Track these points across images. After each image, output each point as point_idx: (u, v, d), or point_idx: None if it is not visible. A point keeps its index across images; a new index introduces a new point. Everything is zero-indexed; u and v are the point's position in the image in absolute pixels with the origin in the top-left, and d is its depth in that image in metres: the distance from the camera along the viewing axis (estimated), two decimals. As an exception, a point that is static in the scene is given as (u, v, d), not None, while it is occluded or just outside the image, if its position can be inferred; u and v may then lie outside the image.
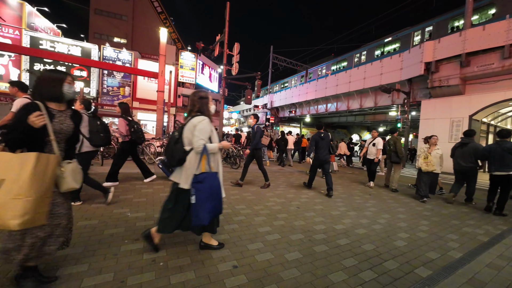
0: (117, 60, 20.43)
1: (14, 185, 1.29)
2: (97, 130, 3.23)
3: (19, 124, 1.40)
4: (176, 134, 2.00)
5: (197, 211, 1.83)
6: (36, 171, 1.34)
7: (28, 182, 1.31)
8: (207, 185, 1.85)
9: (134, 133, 4.19)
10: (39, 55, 16.90)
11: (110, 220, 2.70)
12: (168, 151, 2.00)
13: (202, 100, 2.08)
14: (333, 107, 19.65)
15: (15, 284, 1.53)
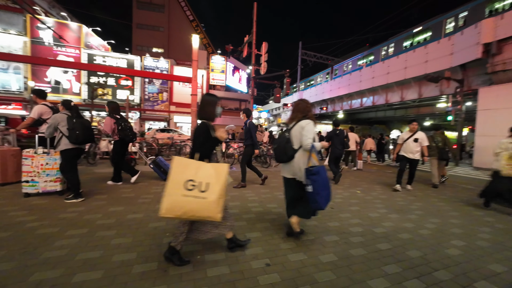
0: (156, 69, 22.30)
1: (217, 187, 1.73)
2: (73, 128, 3.23)
3: (206, 139, 1.97)
4: (287, 135, 2.41)
5: (315, 198, 2.12)
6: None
7: (224, 186, 1.76)
8: (321, 177, 2.14)
9: (121, 131, 4.10)
10: (94, 69, 19.47)
11: (153, 215, 2.97)
12: (281, 149, 2.40)
13: (308, 106, 2.50)
14: (369, 101, 18.28)
15: (167, 258, 1.92)
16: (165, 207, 1.68)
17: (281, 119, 34.72)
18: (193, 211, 1.68)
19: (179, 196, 1.68)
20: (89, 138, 3.48)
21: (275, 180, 5.51)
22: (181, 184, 1.71)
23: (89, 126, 3.45)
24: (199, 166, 1.79)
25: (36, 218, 2.66)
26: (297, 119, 2.45)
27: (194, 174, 1.74)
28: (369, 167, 9.26)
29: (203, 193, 1.70)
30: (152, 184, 4.53)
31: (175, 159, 1.78)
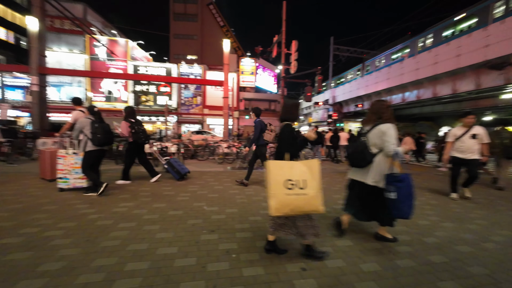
0: (190, 74, 23.75)
1: (314, 183, 1.87)
2: (95, 132, 3.61)
3: (294, 140, 2.09)
4: (363, 139, 2.31)
5: (398, 206, 2.04)
6: None
7: (319, 179, 1.90)
8: (407, 184, 2.05)
9: (134, 134, 4.37)
10: (138, 79, 21.63)
11: (191, 212, 3.15)
12: (358, 155, 2.28)
13: (389, 109, 2.32)
14: (413, 96, 16.49)
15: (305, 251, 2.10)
16: (274, 207, 1.85)
17: (312, 118, 33.66)
18: (299, 207, 1.84)
19: (283, 195, 1.83)
20: (109, 141, 3.83)
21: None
22: (281, 184, 1.84)
23: (109, 130, 3.80)
24: (292, 166, 1.91)
25: (96, 211, 3.05)
26: (373, 122, 2.33)
27: (290, 174, 1.86)
28: (412, 169, 8.34)
29: (303, 189, 1.84)
30: (189, 183, 4.81)
31: (270, 163, 1.91)
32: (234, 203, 3.59)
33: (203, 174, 5.80)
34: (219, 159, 7.96)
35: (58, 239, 2.29)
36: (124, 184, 4.49)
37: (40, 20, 8.43)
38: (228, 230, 2.63)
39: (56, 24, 21.69)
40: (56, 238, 2.31)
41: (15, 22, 27.87)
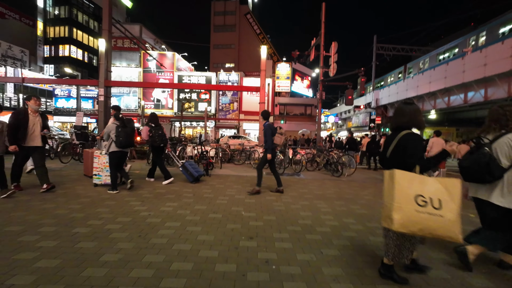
0: (228, 82, 24.87)
1: (453, 205, 1.56)
2: (118, 135, 4.03)
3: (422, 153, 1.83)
4: (485, 150, 1.95)
5: None
6: None
7: (460, 203, 1.57)
8: None
9: (151, 137, 4.83)
10: (182, 87, 23.59)
11: (230, 216, 3.20)
12: (481, 168, 1.92)
13: (508, 113, 2.00)
14: (478, 96, 14.05)
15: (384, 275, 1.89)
16: (398, 222, 1.60)
17: (351, 123, 31.58)
18: (430, 229, 1.57)
19: (412, 211, 1.58)
20: (130, 144, 4.26)
21: (349, 191, 4.95)
22: (411, 198, 1.60)
23: (131, 134, 4.21)
24: (423, 181, 1.64)
25: (146, 209, 3.34)
26: (496, 131, 2.02)
27: (422, 189, 1.61)
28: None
29: (438, 210, 1.56)
30: (227, 187, 4.93)
31: (397, 173, 1.67)
32: (271, 210, 3.52)
33: (240, 178, 5.90)
34: (254, 164, 8.02)
35: (116, 232, 2.57)
36: (169, 184, 4.85)
37: (107, 41, 9.94)
38: (267, 238, 2.57)
39: (118, 43, 25.36)
40: (114, 231, 2.59)
41: (88, 44, 33.58)
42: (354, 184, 5.75)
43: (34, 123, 3.78)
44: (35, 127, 3.78)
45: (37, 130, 3.81)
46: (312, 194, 4.51)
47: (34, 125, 3.78)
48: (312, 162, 8.29)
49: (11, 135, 3.60)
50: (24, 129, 3.67)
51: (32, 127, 3.76)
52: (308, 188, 5.03)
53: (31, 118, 3.75)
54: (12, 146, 3.61)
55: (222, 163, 8.16)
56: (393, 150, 1.88)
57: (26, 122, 3.68)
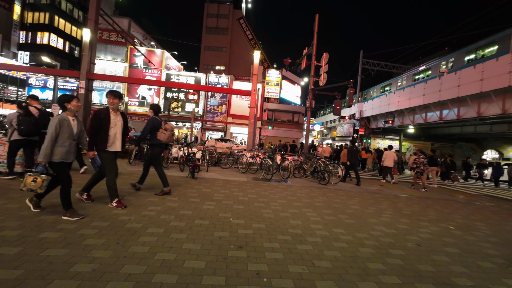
0: (218, 84, 24.64)
1: None
2: (19, 123, 3.92)
3: None
4: None
5: None
6: None
7: None
8: None
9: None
10: (170, 86, 22.98)
11: (217, 223, 3.04)
12: None
13: None
14: (453, 114, 15.13)
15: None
16: None
17: (336, 132, 32.56)
18: None
19: None
20: (33, 133, 4.06)
21: (337, 200, 4.99)
22: None
23: (35, 123, 4.02)
24: None
25: (127, 213, 3.09)
26: None
27: None
28: (454, 194, 7.43)
29: None
30: (214, 191, 4.75)
31: None
32: (260, 217, 3.42)
33: (228, 183, 5.74)
34: (242, 168, 7.89)
35: (91, 238, 2.31)
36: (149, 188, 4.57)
37: (92, 32, 9.41)
38: (257, 248, 2.45)
39: (104, 36, 24.23)
40: (89, 237, 2.33)
41: (71, 34, 31.77)
42: (341, 193, 5.81)
43: (116, 124, 3.28)
44: (116, 129, 3.30)
45: (119, 132, 3.33)
46: (301, 202, 4.47)
47: (116, 127, 3.29)
48: (299, 169, 8.32)
49: (91, 139, 3.15)
50: (105, 132, 3.18)
51: (114, 129, 3.26)
52: (297, 196, 5.00)
53: (112, 118, 3.25)
54: (90, 152, 3.19)
55: (209, 166, 7.94)
56: None
57: (107, 123, 3.18)
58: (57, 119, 2.69)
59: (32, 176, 2.59)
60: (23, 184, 2.58)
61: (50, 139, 2.61)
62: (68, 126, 2.75)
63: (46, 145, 2.59)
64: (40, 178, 2.61)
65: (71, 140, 2.80)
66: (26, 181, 2.58)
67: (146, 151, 7.29)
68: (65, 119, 2.76)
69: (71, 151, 2.83)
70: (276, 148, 12.92)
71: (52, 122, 2.66)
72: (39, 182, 2.60)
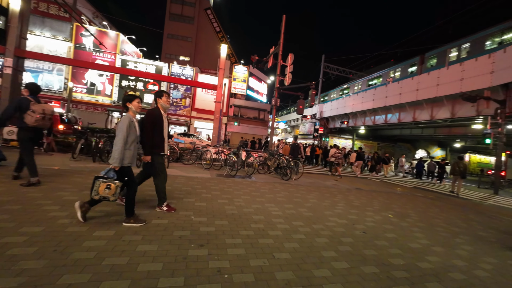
0: (182, 75, 23.30)
1: None
2: None
3: None
4: None
5: None
6: None
7: None
8: None
9: None
10: (126, 73, 20.80)
11: (178, 222, 2.89)
12: None
13: None
14: (395, 118, 17.44)
15: None
16: None
17: (299, 130, 34.29)
18: None
19: None
20: None
21: (297, 195, 5.27)
22: None
23: None
24: None
25: (68, 215, 2.69)
26: None
27: None
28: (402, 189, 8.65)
29: None
30: (175, 189, 4.50)
31: None
32: (224, 214, 3.38)
33: (190, 179, 5.51)
34: (206, 164, 7.67)
35: (19, 247, 1.94)
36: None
37: (23, 0, 7.81)
38: (219, 245, 2.42)
39: (41, 7, 20.38)
40: (16, 246, 1.96)
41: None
42: (301, 188, 6.16)
43: (166, 125, 3.12)
44: (166, 131, 3.10)
45: (166, 134, 3.13)
46: (264, 198, 4.58)
47: (166, 128, 3.11)
48: (263, 165, 8.51)
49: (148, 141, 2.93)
50: (160, 134, 3.00)
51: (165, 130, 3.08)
52: (260, 192, 5.10)
53: (164, 119, 3.06)
54: (148, 156, 2.96)
55: (170, 163, 7.49)
56: None
57: (161, 125, 3.01)
58: (128, 120, 2.55)
59: (106, 182, 2.43)
60: (96, 192, 2.40)
61: (123, 142, 2.48)
62: (134, 127, 2.63)
63: (119, 148, 2.44)
64: (114, 184, 2.46)
65: (136, 142, 2.67)
66: (99, 188, 2.41)
67: (95, 144, 6.47)
68: (131, 120, 2.61)
69: (135, 155, 2.72)
70: (241, 144, 12.99)
71: (124, 123, 2.50)
72: (113, 188, 2.46)
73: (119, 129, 2.47)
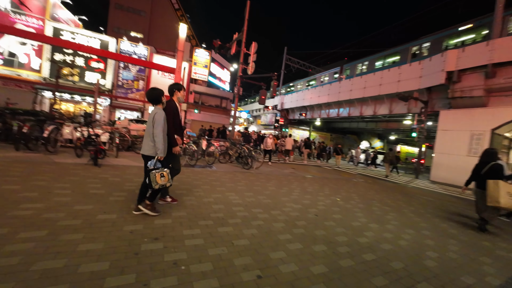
0: (133, 54, 20.75)
1: None
2: None
3: None
4: None
5: None
6: None
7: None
8: None
9: None
10: (60, 45, 17.35)
11: (128, 216, 2.65)
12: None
13: None
14: (345, 112, 19.29)
15: None
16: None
17: (261, 120, 34.89)
18: None
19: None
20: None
21: (257, 183, 5.42)
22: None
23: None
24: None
25: (-23, 216, 2.18)
26: None
27: None
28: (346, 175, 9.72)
29: None
30: (126, 180, 4.10)
31: None
32: (181, 205, 3.25)
33: (143, 170, 5.07)
34: (162, 153, 7.17)
35: None
36: (32, 177, 3.43)
37: None
38: (176, 237, 2.33)
39: None
40: None
41: None
42: (261, 176, 6.36)
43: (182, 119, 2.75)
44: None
45: None
46: (225, 187, 4.57)
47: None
48: (225, 155, 8.43)
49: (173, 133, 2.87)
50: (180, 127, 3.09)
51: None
52: (221, 181, 5.07)
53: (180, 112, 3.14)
54: (177, 148, 2.93)
55: (120, 151, 6.75)
56: None
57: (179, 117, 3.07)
58: (163, 113, 2.67)
59: (158, 172, 2.59)
60: (155, 182, 2.55)
61: (164, 133, 2.66)
62: (165, 120, 2.72)
63: (162, 139, 2.61)
64: (165, 172, 2.64)
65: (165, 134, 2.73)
66: (156, 179, 2.56)
67: (18, 129, 5.34)
68: (163, 114, 2.69)
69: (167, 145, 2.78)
70: (201, 133, 12.57)
71: (162, 116, 2.64)
72: (166, 175, 2.64)
73: (158, 121, 2.59)
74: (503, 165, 3.93)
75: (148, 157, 2.68)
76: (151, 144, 2.63)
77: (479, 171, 4.00)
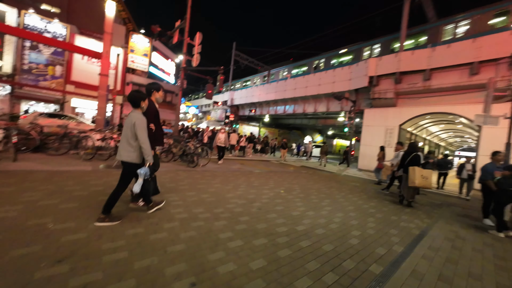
0: (45, 32, 16.76)
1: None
2: None
3: None
4: None
5: None
6: None
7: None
8: None
9: None
10: None
11: (24, 234, 2.04)
12: None
13: None
14: (291, 109, 20.61)
15: None
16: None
17: (210, 116, 33.85)
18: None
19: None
20: None
21: (202, 181, 5.15)
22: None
23: None
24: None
25: None
26: None
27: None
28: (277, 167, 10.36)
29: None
30: (24, 190, 3.20)
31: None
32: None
33: (55, 175, 4.11)
34: (86, 154, 6.01)
35: None
36: None
37: None
38: (91, 253, 1.92)
39: None
40: None
41: None
42: (207, 173, 6.10)
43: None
44: None
45: None
46: (164, 188, 4.14)
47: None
48: (167, 153, 7.73)
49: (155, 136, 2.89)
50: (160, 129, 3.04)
51: None
52: (160, 181, 4.57)
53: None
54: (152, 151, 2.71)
55: (24, 153, 5.32)
56: None
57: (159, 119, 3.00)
58: (144, 119, 2.57)
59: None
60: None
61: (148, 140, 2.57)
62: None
63: (148, 145, 2.52)
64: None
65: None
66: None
67: None
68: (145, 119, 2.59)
69: None
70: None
71: (144, 122, 2.54)
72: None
73: (141, 128, 2.48)
74: (420, 155, 5.14)
75: (128, 163, 2.52)
76: (129, 149, 2.49)
77: (405, 160, 5.14)
